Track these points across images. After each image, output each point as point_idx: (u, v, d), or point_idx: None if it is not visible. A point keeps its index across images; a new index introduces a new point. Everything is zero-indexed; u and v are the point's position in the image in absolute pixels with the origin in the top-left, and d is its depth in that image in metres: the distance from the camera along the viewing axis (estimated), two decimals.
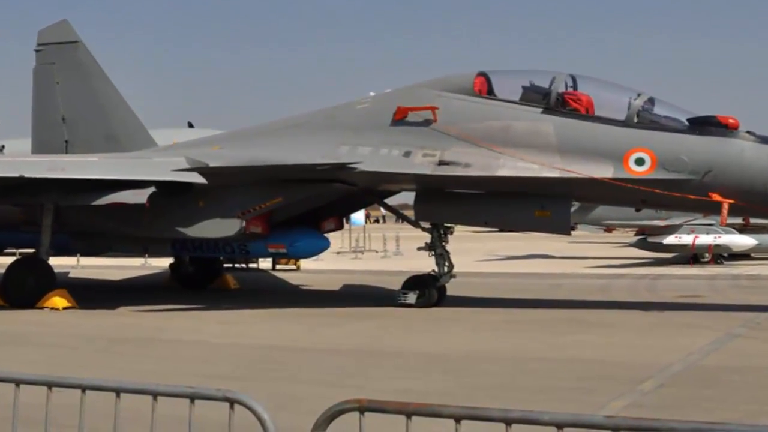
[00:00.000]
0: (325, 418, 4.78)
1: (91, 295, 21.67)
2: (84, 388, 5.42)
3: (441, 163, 18.28)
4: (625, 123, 17.69)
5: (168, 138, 24.93)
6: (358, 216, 42.04)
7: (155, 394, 5.23)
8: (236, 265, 28.97)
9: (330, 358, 13.00)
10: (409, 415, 4.61)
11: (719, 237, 33.44)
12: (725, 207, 17.07)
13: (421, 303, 19.12)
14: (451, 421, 4.48)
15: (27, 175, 18.55)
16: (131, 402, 5.46)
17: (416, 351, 13.60)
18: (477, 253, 41.20)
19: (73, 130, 24.13)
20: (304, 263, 31.19)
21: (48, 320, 17.92)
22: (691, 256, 34.32)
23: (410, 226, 21.72)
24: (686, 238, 33.57)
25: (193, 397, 5.15)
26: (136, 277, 29.33)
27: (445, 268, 19.74)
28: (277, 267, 31.51)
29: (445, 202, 19.53)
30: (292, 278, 28.16)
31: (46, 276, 19.89)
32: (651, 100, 18.11)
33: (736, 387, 10.54)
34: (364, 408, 4.71)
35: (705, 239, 33.51)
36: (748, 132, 17.31)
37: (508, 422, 4.38)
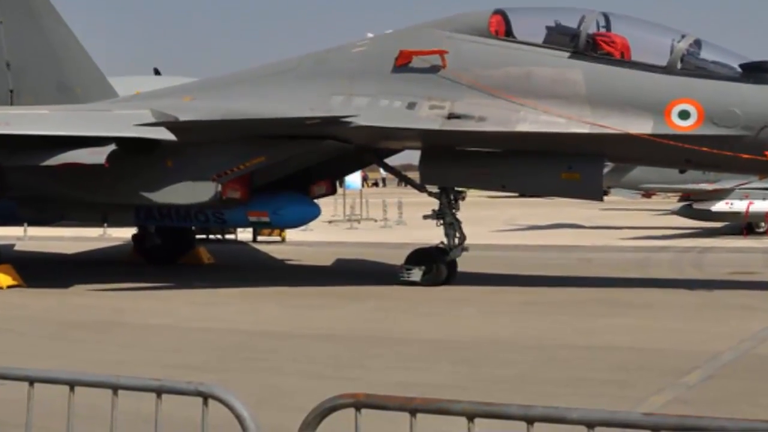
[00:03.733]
0: (315, 416, 4.78)
1: (41, 271, 21.72)
2: (32, 381, 5.42)
3: (451, 116, 18.24)
4: (667, 69, 17.64)
5: (131, 87, 24.88)
6: (354, 179, 42.06)
7: (116, 388, 5.24)
8: (211, 237, 29.01)
9: (321, 346, 13.04)
10: (413, 412, 4.61)
11: None
12: None
13: (428, 281, 19.15)
14: (463, 419, 4.48)
15: None
16: (88, 397, 5.46)
17: (422, 337, 13.65)
18: (493, 222, 41.25)
19: (20, 78, 24.03)
20: (291, 234, 31.21)
21: None
22: (745, 225, 34.25)
23: (415, 191, 21.70)
24: (739, 205, 33.48)
25: (160, 391, 5.15)
26: (94, 250, 29.38)
27: (456, 240, 19.75)
28: (259, 238, 31.51)
29: (455, 163, 19.50)
30: (277, 252, 28.20)
31: None
32: (697, 43, 18.05)
33: None
34: (360, 404, 4.71)
35: (761, 206, 33.40)
36: None
37: (530, 420, 4.38)
